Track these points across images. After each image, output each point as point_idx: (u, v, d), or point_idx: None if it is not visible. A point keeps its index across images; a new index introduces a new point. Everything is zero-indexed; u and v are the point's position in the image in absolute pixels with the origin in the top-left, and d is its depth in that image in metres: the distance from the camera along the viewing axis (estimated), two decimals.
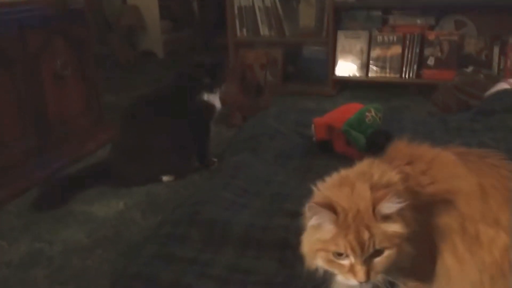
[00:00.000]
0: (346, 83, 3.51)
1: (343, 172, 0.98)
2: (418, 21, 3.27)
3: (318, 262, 0.92)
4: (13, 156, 2.14)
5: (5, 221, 1.89)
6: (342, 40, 3.39)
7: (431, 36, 3.18)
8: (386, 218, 0.85)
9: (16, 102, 2.14)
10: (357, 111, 2.05)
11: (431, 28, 3.26)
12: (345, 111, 2.09)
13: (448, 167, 0.98)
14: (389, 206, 0.85)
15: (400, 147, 1.05)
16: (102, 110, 2.74)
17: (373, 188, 0.88)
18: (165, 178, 2.14)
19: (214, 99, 2.23)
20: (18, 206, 2.00)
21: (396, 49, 3.26)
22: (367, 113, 2.03)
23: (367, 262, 0.86)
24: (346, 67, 3.40)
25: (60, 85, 2.39)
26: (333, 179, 0.96)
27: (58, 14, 2.33)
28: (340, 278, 0.90)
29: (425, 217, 0.92)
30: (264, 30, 3.56)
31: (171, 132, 2.13)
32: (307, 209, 0.91)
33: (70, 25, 2.42)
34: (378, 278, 0.88)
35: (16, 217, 1.91)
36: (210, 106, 2.22)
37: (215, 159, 2.28)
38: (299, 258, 1.35)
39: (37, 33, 2.22)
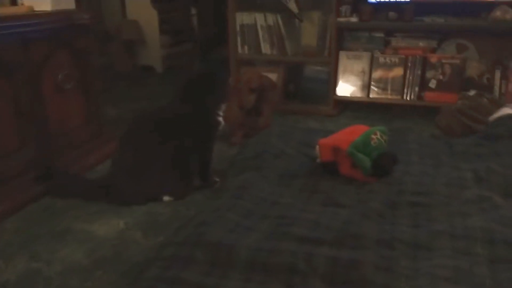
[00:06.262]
0: (347, 103, 3.50)
1: None
2: (421, 44, 3.28)
3: None
4: (12, 169, 2.10)
5: (2, 238, 1.84)
6: (344, 60, 3.38)
7: (433, 59, 3.19)
8: None
9: (17, 113, 2.11)
10: (362, 133, 2.03)
11: (433, 51, 3.26)
12: (351, 133, 2.07)
13: None
14: None
15: None
16: (102, 123, 2.71)
17: None
18: (165, 198, 2.10)
19: (220, 115, 2.22)
20: (16, 222, 1.95)
21: (398, 71, 3.26)
22: (372, 136, 2.01)
23: None
24: (347, 88, 3.39)
25: (61, 97, 2.36)
26: None
27: (62, 28, 2.31)
28: None
29: None
30: (265, 48, 3.55)
31: (172, 151, 2.10)
32: None
33: (74, 39, 2.40)
34: None
35: (13, 234, 1.86)
36: (217, 122, 2.20)
37: (217, 179, 2.25)
38: (307, 283, 1.33)
39: (40, 46, 2.20)
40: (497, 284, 1.23)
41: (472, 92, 2.92)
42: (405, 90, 3.26)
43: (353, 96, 3.38)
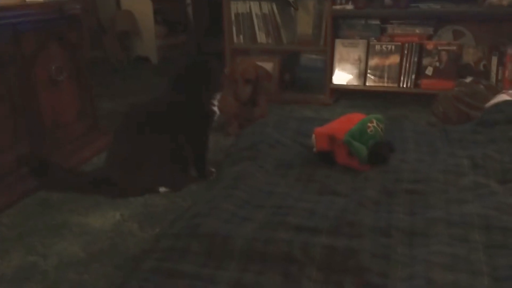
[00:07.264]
0: (344, 92, 3.48)
1: None
2: (417, 31, 3.26)
3: None
4: (5, 164, 2.08)
5: None
6: (340, 48, 3.37)
7: (430, 45, 3.17)
8: None
9: (9, 107, 2.09)
10: (358, 122, 2.01)
11: (430, 37, 3.25)
12: (347, 122, 2.06)
13: None
14: None
15: None
16: (97, 116, 2.69)
17: None
18: (162, 190, 2.09)
19: (214, 105, 2.20)
20: (11, 216, 1.94)
21: (394, 58, 3.25)
22: (369, 124, 2.00)
23: None
24: (343, 76, 3.37)
25: (55, 90, 2.34)
26: None
27: (54, 19, 2.28)
28: None
29: None
30: (261, 37, 3.53)
31: (167, 142, 2.08)
32: None
33: (65, 30, 2.38)
34: None
35: (9, 229, 1.85)
36: (212, 112, 2.19)
37: (213, 169, 2.24)
38: (304, 272, 1.32)
39: (32, 37, 2.17)
40: (494, 270, 1.22)
41: (468, 79, 2.91)
42: (402, 78, 3.25)
43: (349, 84, 3.37)
